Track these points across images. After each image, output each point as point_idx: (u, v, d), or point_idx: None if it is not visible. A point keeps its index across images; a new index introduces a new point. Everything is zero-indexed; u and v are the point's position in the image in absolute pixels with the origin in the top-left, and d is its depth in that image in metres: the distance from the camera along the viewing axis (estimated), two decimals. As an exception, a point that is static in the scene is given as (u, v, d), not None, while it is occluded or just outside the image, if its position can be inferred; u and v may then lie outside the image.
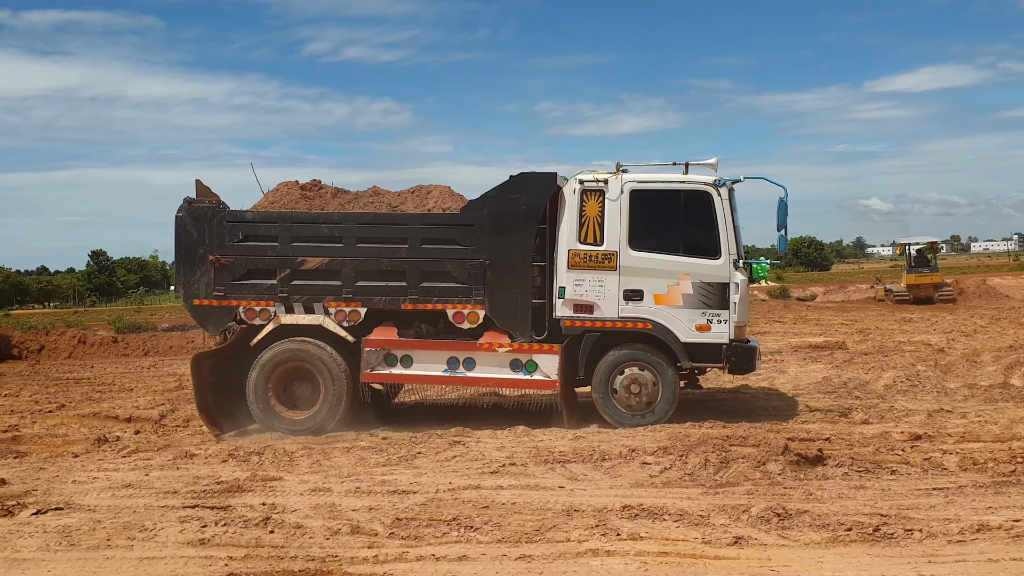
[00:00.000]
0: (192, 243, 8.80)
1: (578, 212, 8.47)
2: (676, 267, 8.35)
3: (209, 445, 7.98)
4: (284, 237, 8.69)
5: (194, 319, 9.13)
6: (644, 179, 8.54)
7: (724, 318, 8.31)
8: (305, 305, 8.71)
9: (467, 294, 8.56)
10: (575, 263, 8.45)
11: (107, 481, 6.66)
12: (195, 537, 5.22)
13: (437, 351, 8.60)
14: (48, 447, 8.42)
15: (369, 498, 5.98)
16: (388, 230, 8.67)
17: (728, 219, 8.37)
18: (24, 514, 5.78)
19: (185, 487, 6.37)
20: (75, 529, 5.42)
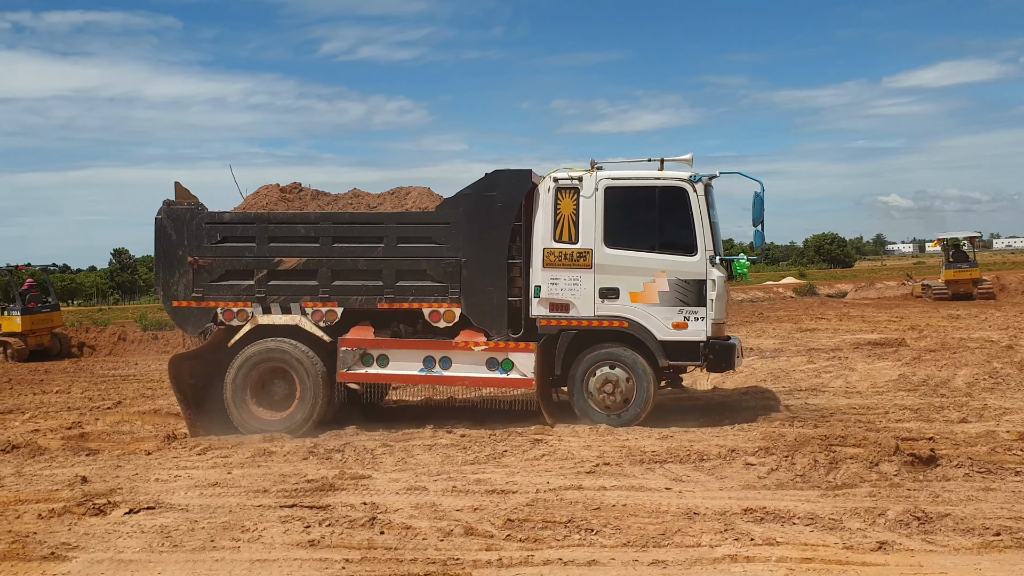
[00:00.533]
0: (171, 245, 8.87)
1: (553, 210, 8.44)
2: (652, 264, 8.29)
3: (284, 442, 8.01)
4: (261, 238, 8.74)
5: (173, 321, 9.23)
6: (619, 176, 8.51)
7: (701, 315, 8.22)
8: (282, 305, 8.76)
9: (443, 293, 8.56)
10: (550, 261, 8.42)
11: (190, 479, 6.73)
12: (303, 538, 5.21)
13: (413, 350, 8.61)
14: (118, 444, 8.47)
15: (469, 497, 5.99)
16: (364, 229, 8.70)
17: (704, 215, 8.29)
18: (117, 513, 5.83)
19: (274, 486, 6.40)
20: (173, 529, 5.45)
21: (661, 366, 8.40)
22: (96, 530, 5.51)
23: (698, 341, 8.26)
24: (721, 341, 8.44)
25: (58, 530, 5.53)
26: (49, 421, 9.87)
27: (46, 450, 8.12)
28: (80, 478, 6.79)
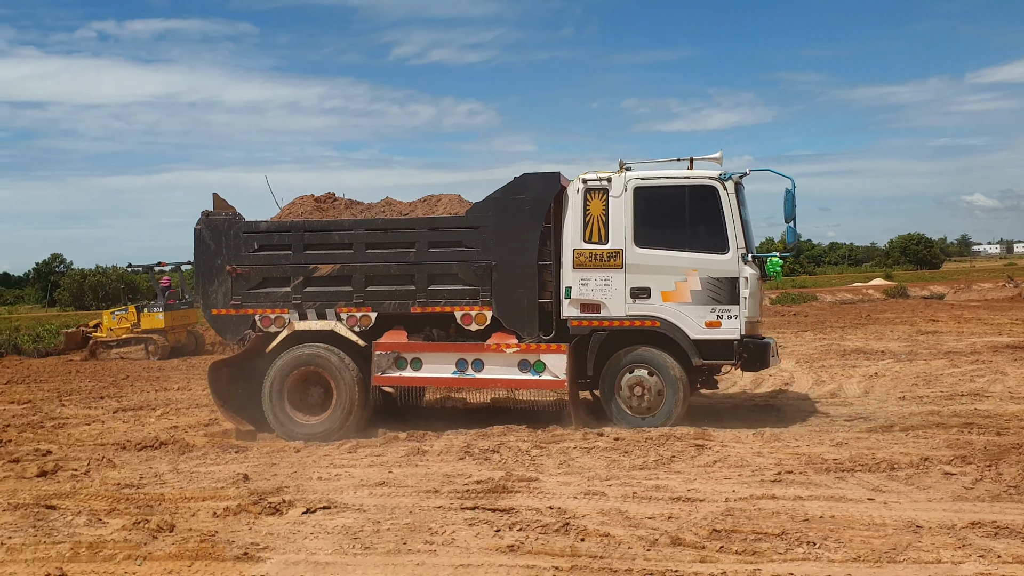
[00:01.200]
0: (210, 254, 9.92)
1: (582, 211, 9.23)
2: (683, 263, 9.01)
3: (433, 441, 8.73)
4: (297, 246, 9.71)
5: (213, 328, 10.37)
6: (648, 176, 9.26)
7: (734, 313, 8.93)
8: (318, 311, 9.71)
9: (474, 296, 9.40)
10: (580, 262, 9.23)
11: (353, 478, 7.33)
12: (498, 543, 5.49)
13: (446, 353, 9.48)
14: (263, 442, 9.32)
15: (654, 505, 6.26)
16: (396, 235, 9.60)
17: (736, 213, 9.01)
18: (293, 513, 6.29)
19: (443, 486, 6.90)
20: (358, 530, 5.81)
21: (695, 365, 9.11)
22: (279, 530, 5.97)
23: (732, 339, 8.93)
24: (756, 339, 9.11)
25: (238, 529, 5.99)
26: (184, 418, 11.01)
27: (193, 447, 9.03)
28: (242, 476, 7.47)
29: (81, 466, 8.22)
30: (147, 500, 6.91)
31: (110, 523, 6.25)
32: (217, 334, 10.40)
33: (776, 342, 9.58)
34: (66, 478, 7.81)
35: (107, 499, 6.93)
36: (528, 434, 8.87)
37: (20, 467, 8.22)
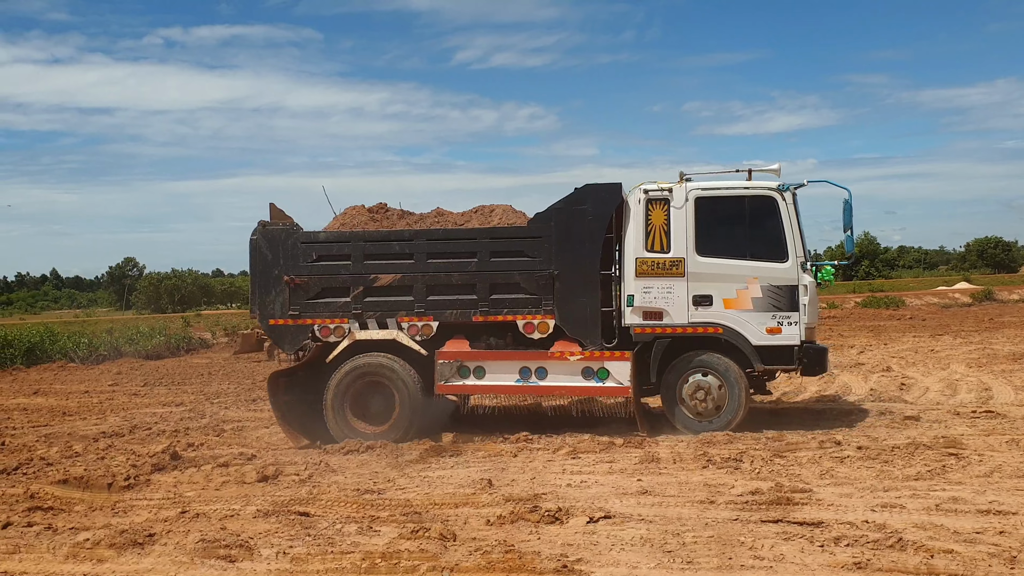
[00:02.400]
0: (267, 264, 11.60)
1: (644, 221, 11.01)
2: (744, 271, 10.79)
3: (660, 448, 9.95)
4: (356, 256, 11.41)
5: (270, 338, 12.34)
6: (708, 186, 11.02)
7: (794, 320, 10.74)
8: (378, 321, 11.43)
9: (536, 305, 11.13)
10: (643, 271, 11.03)
11: (605, 486, 8.24)
12: (834, 559, 5.93)
13: (509, 361, 11.22)
14: (472, 445, 10.71)
15: (968, 518, 6.82)
16: (457, 245, 11.30)
17: (794, 222, 10.80)
18: (575, 522, 7.00)
19: (714, 496, 7.67)
20: (661, 543, 6.40)
21: (756, 371, 11.01)
22: (574, 540, 6.58)
23: (792, 345, 10.69)
24: (814, 345, 10.98)
25: (526, 538, 6.64)
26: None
27: (402, 450, 10.29)
28: (485, 481, 8.49)
29: (298, 470, 9.42)
30: (398, 506, 7.81)
31: (383, 531, 7.04)
32: (274, 344, 12.37)
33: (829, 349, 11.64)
34: (292, 483, 8.89)
35: (355, 505, 7.89)
36: (761, 442, 10.08)
37: (236, 472, 9.35)
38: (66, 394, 17.77)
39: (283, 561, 6.43)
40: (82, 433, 12.76)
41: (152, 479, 9.27)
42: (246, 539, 6.87)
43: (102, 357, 24.72)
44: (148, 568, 6.41)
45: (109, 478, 9.07)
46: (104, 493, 8.72)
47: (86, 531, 7.31)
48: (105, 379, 20.54)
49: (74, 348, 25.02)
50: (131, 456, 10.56)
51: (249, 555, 6.56)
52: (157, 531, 7.19)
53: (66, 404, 16.28)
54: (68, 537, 7.16)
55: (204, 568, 6.35)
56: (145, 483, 9.13)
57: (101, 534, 7.03)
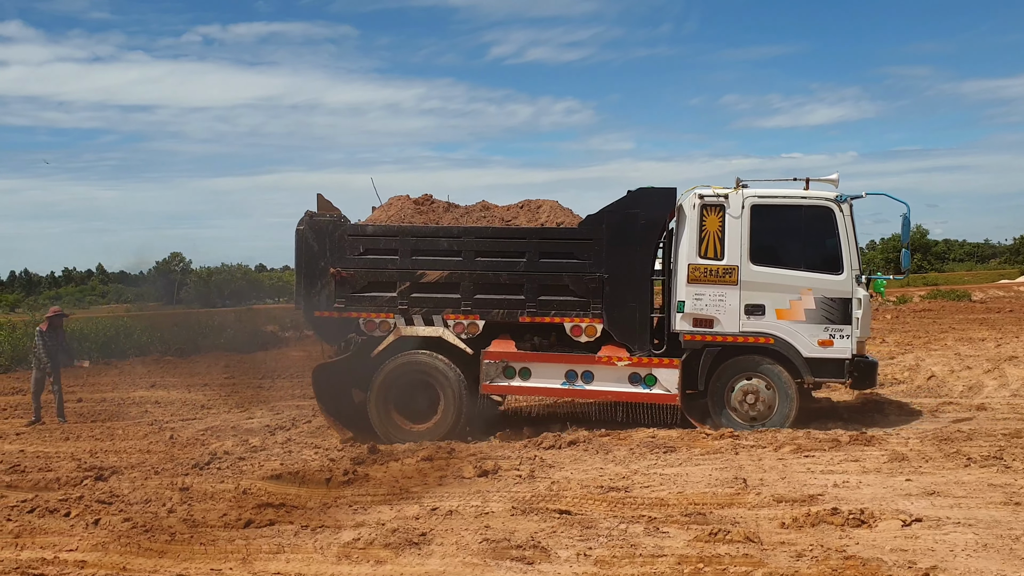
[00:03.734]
0: (313, 256, 11.49)
1: (698, 227, 10.88)
2: (798, 282, 10.67)
3: (889, 442, 9.66)
4: (404, 250, 11.29)
5: (313, 331, 12.23)
6: (765, 194, 10.87)
7: (847, 333, 10.63)
8: (424, 317, 11.33)
9: (585, 308, 11.04)
10: (695, 277, 10.91)
11: (874, 487, 7.97)
12: None
13: (556, 364, 11.15)
14: (692, 440, 10.24)
15: None
16: (506, 244, 11.18)
17: (851, 234, 10.64)
18: (886, 526, 6.78)
19: (1017, 497, 7.44)
20: (1009, 549, 6.22)
21: (806, 383, 10.98)
22: (905, 545, 6.36)
23: (843, 359, 10.60)
24: (865, 359, 10.88)
25: (843, 543, 6.42)
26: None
27: (610, 447, 10.09)
28: (740, 480, 8.25)
29: (514, 464, 9.26)
30: (656, 504, 7.64)
31: (671, 532, 6.85)
32: (318, 337, 12.24)
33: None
34: (518, 479, 8.74)
35: (607, 503, 7.73)
36: (997, 437, 9.81)
37: (445, 465, 9.29)
38: (185, 387, 17.71)
39: (586, 564, 6.25)
40: (246, 427, 12.79)
41: (368, 473, 9.13)
42: (531, 539, 6.68)
43: (181, 351, 24.48)
44: (439, 570, 6.26)
45: (326, 473, 8.99)
46: (323, 488, 8.65)
47: (345, 530, 7.20)
48: (213, 372, 20.43)
49: (150, 342, 24.92)
50: (318, 450, 10.51)
51: (546, 556, 6.39)
52: (429, 530, 7.04)
53: (194, 397, 16.32)
54: (329, 536, 7.03)
55: (500, 570, 6.20)
56: (363, 478, 8.98)
57: (368, 533, 6.93)
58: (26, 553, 6.87)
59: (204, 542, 6.98)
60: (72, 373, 17.29)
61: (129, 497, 8.39)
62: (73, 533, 7.33)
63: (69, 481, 9.22)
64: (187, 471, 9.57)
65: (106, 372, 20.47)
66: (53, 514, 7.88)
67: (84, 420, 14.15)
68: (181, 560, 6.65)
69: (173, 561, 6.63)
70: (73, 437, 12.41)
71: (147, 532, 7.25)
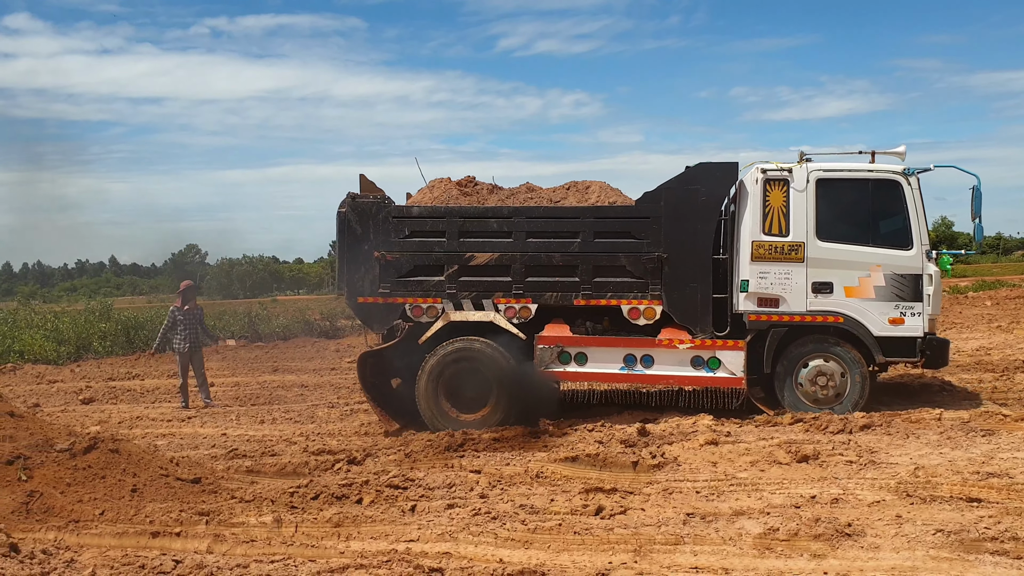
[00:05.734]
0: (356, 239, 10.97)
1: (761, 202, 10.44)
2: (867, 258, 10.27)
3: None
4: (452, 232, 10.82)
5: (357, 317, 11.66)
6: (831, 168, 10.47)
7: (918, 311, 10.22)
8: (474, 301, 10.84)
9: (643, 289, 10.59)
10: (759, 255, 10.48)
11: None
12: None
13: (613, 348, 10.68)
14: (996, 425, 9.35)
15: None
16: (559, 224, 10.73)
17: (919, 209, 10.27)
18: None
19: None
20: None
21: (877, 363, 10.51)
22: None
23: (915, 337, 10.19)
24: (936, 337, 10.48)
25: None
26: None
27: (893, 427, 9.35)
28: None
29: (826, 448, 8.52)
30: None
31: None
32: (362, 323, 11.67)
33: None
34: (845, 463, 8.05)
35: (1007, 491, 7.01)
36: None
37: (744, 449, 8.66)
38: (311, 371, 17.61)
39: None
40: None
41: (677, 457, 8.48)
42: (989, 530, 6.08)
43: (247, 338, 24.38)
44: (906, 565, 5.64)
45: (632, 456, 8.37)
46: (630, 472, 8.09)
47: (741, 518, 6.60)
48: (320, 356, 20.26)
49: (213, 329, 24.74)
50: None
51: None
52: (853, 519, 6.40)
53: (332, 380, 16.08)
54: (726, 526, 6.44)
55: (985, 565, 5.62)
56: (673, 461, 8.34)
57: (782, 523, 6.34)
58: (361, 544, 6.36)
59: (578, 531, 6.37)
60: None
61: (425, 481, 7.89)
62: (395, 521, 6.82)
63: (318, 465, 8.83)
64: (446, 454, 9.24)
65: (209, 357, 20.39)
66: (341, 500, 7.39)
67: (242, 403, 13.90)
68: (558, 551, 6.11)
69: (548, 553, 6.10)
70: (255, 420, 12.30)
71: (495, 520, 6.72)
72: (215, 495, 7.70)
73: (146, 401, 14.57)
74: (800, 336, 10.59)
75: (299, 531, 6.61)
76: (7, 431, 7.96)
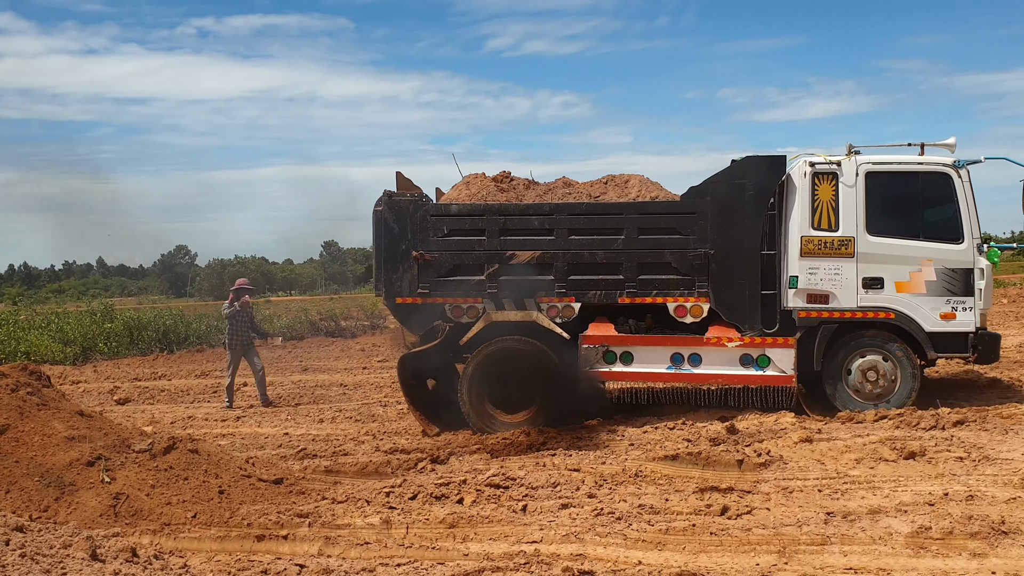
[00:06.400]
0: (393, 239, 10.69)
1: (810, 197, 10.26)
2: (918, 253, 10.13)
3: None
4: (492, 230, 10.57)
5: (396, 318, 11.35)
6: (880, 160, 10.30)
7: (969, 305, 10.08)
8: (516, 301, 10.61)
9: (689, 286, 10.39)
10: (809, 250, 10.29)
11: None
12: None
13: (660, 347, 10.49)
14: None
15: None
16: (602, 221, 10.51)
17: (970, 201, 10.10)
18: None
19: None
20: None
21: (929, 358, 10.36)
22: None
23: (967, 332, 10.06)
24: (988, 332, 10.30)
25: None
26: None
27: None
28: None
29: (928, 445, 8.32)
30: None
31: None
32: (401, 324, 11.37)
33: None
34: (956, 460, 7.93)
35: None
36: None
37: (843, 446, 8.46)
38: (343, 369, 17.46)
39: None
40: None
41: (783, 456, 8.31)
42: None
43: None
44: None
45: (738, 455, 8.20)
46: (735, 471, 7.92)
47: (883, 516, 6.48)
48: (346, 354, 20.13)
49: (209, 331, 24.12)
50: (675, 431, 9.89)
51: None
52: (1002, 516, 6.23)
53: (371, 378, 15.88)
54: (870, 524, 6.30)
55: None
56: (779, 460, 8.17)
57: (934, 522, 6.17)
58: (480, 545, 6.26)
59: (714, 531, 6.25)
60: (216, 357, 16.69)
61: (527, 480, 7.68)
62: (514, 521, 6.66)
63: (401, 464, 8.72)
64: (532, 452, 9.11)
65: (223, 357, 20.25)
66: (442, 500, 7.23)
67: (287, 403, 13.82)
68: (695, 552, 5.98)
69: (684, 554, 5.96)
70: (313, 420, 12.14)
71: (619, 520, 6.56)
72: (304, 496, 7.57)
73: (184, 401, 14.39)
74: (850, 332, 10.40)
75: (410, 532, 6.49)
76: (81, 431, 7.77)
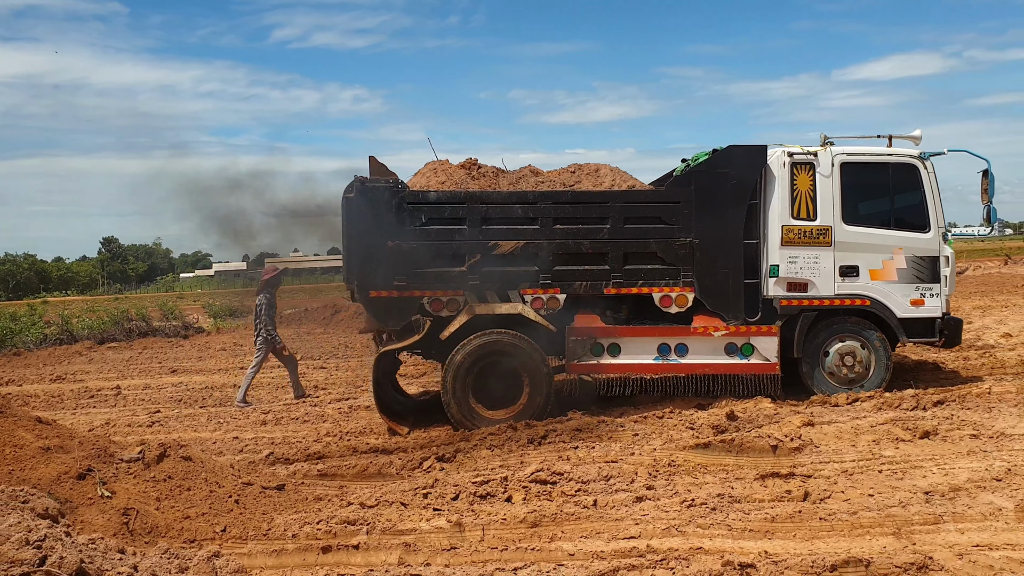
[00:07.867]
0: (366, 228, 10.06)
1: (789, 186, 10.45)
2: (890, 241, 10.50)
3: None
4: (473, 219, 10.11)
5: (370, 313, 10.62)
6: (854, 152, 10.59)
7: (936, 292, 10.55)
8: (499, 293, 10.28)
9: (675, 276, 10.33)
10: (789, 239, 10.45)
11: None
12: None
13: (647, 338, 10.38)
14: None
15: None
16: (588, 210, 10.26)
17: (935, 192, 10.62)
18: None
19: None
20: None
21: (900, 343, 10.88)
22: None
23: (934, 318, 10.55)
24: (952, 317, 10.82)
25: None
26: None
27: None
28: None
29: (948, 429, 8.42)
30: None
31: None
32: (376, 320, 10.62)
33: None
34: (965, 438, 8.10)
35: None
36: None
37: (861, 428, 8.43)
38: (213, 371, 16.64)
39: None
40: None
41: (812, 439, 8.26)
42: None
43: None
44: None
45: (771, 441, 8.06)
46: (770, 456, 7.83)
47: (980, 491, 6.54)
48: (213, 357, 18.78)
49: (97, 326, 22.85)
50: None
51: None
52: None
53: (259, 380, 14.73)
54: (971, 502, 6.33)
55: None
56: (810, 444, 8.11)
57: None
58: (574, 544, 5.97)
59: (823, 517, 6.18)
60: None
61: (575, 474, 7.35)
62: (603, 517, 6.40)
63: (404, 465, 8.39)
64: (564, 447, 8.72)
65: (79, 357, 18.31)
66: (488, 499, 6.96)
67: (189, 406, 13.01)
68: (807, 539, 5.90)
69: (796, 541, 5.87)
70: (255, 423, 11.35)
71: (714, 511, 6.40)
72: (322, 501, 7.03)
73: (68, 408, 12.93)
74: (827, 319, 10.65)
75: (488, 534, 6.12)
76: (53, 440, 6.84)
